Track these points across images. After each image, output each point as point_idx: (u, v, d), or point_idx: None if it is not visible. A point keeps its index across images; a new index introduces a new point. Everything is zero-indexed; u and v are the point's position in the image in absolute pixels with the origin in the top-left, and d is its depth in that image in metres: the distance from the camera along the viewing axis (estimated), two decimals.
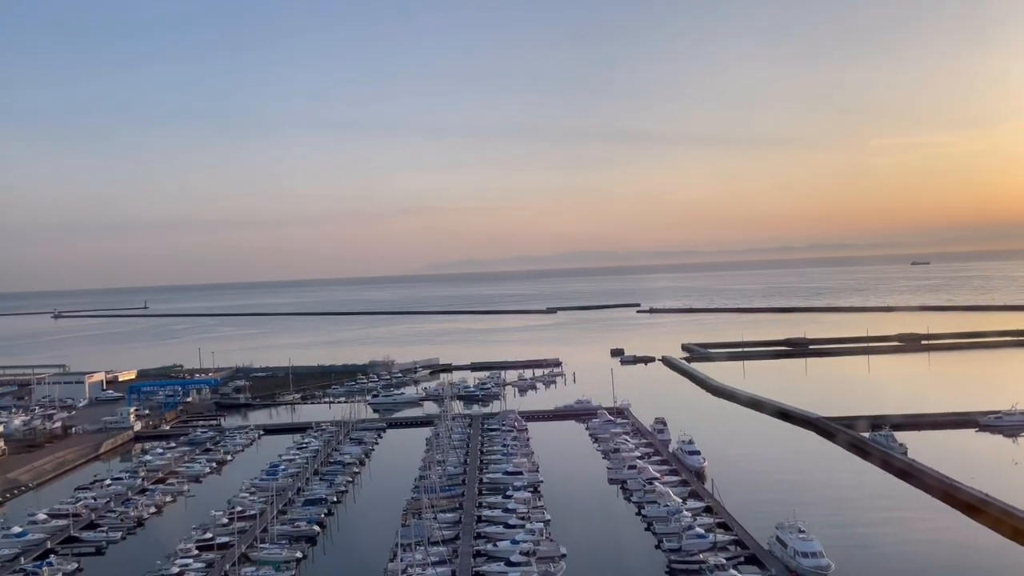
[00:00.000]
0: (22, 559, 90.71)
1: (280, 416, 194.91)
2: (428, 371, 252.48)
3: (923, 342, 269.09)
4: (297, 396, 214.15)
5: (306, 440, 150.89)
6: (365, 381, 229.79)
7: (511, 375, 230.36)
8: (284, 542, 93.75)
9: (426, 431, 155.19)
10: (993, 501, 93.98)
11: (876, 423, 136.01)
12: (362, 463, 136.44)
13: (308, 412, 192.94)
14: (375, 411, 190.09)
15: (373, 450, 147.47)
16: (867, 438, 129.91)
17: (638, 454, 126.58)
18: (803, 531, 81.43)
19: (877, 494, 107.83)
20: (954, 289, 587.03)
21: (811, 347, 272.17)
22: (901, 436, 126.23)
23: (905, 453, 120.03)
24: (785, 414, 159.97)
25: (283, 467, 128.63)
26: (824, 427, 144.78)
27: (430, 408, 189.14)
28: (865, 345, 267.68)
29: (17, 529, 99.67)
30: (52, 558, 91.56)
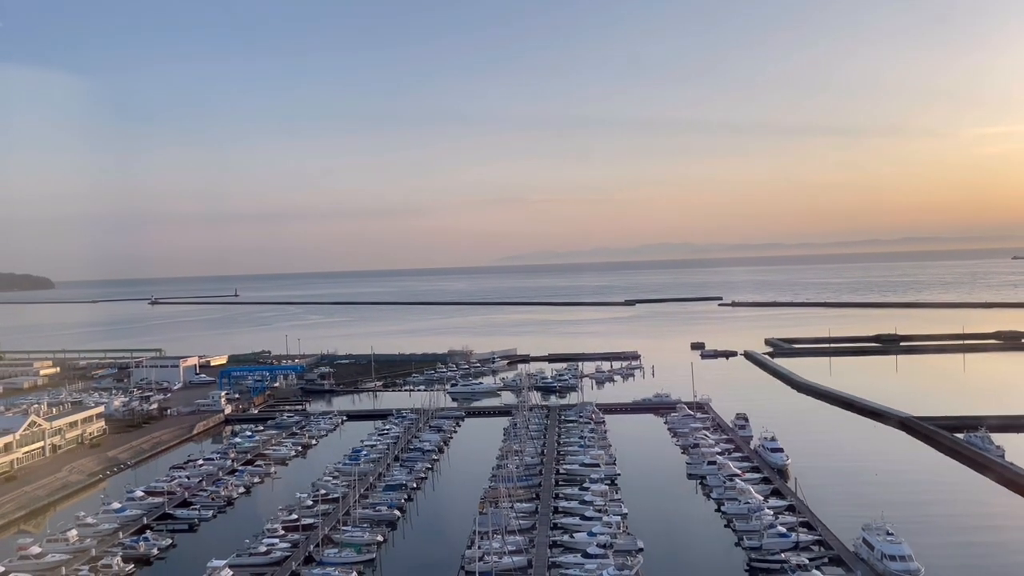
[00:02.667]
0: (120, 534, 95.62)
1: (362, 403, 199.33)
2: (506, 361, 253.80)
3: (1023, 340, 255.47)
4: (379, 383, 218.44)
5: (387, 427, 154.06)
6: (444, 370, 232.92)
7: (589, 367, 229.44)
8: (366, 525, 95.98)
9: (504, 421, 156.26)
10: None
11: (972, 424, 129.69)
12: (441, 451, 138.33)
13: (389, 399, 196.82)
14: (454, 400, 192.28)
15: (452, 438, 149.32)
16: (962, 439, 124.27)
17: (718, 450, 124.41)
18: (891, 534, 78.66)
19: (971, 499, 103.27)
20: None
21: (902, 344, 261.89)
22: (999, 438, 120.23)
23: (1003, 456, 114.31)
24: (873, 412, 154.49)
25: (365, 452, 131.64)
26: (915, 427, 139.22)
27: (508, 398, 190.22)
28: (961, 343, 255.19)
29: (116, 505, 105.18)
30: (148, 533, 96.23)
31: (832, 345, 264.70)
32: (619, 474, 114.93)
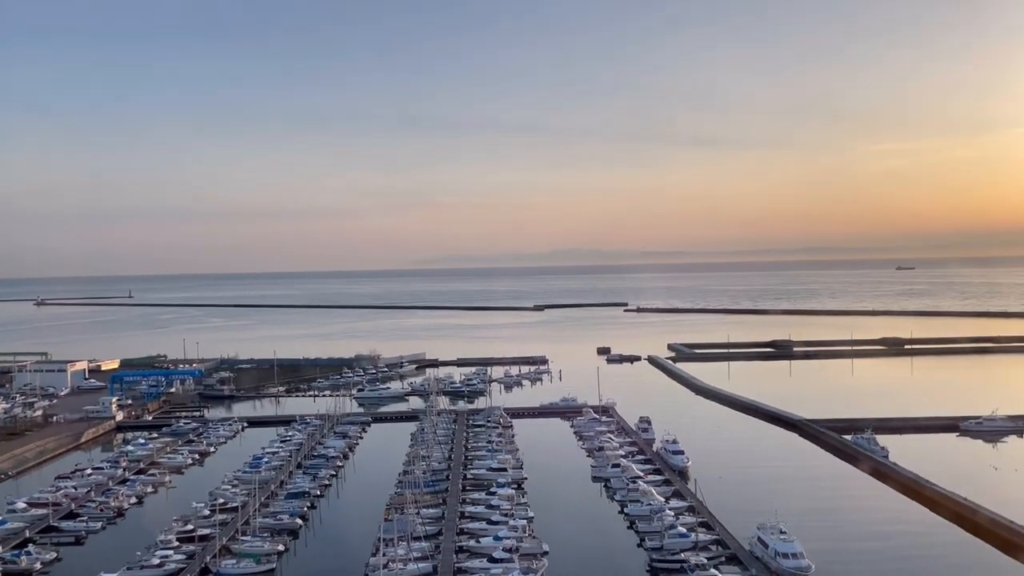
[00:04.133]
0: (0, 548, 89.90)
1: (264, 408, 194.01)
2: (414, 366, 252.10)
3: (906, 346, 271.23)
4: (282, 389, 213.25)
5: (290, 433, 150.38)
6: (351, 375, 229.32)
7: (497, 371, 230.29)
8: (266, 535, 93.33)
9: (411, 426, 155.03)
10: (971, 505, 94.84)
11: (859, 426, 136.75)
12: (346, 457, 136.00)
13: (293, 405, 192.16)
14: (360, 405, 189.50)
15: (357, 444, 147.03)
16: (849, 441, 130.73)
17: (622, 452, 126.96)
18: (784, 532, 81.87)
19: (858, 497, 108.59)
20: (937, 294, 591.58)
21: (795, 349, 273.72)
22: (883, 440, 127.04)
23: (887, 457, 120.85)
24: (768, 415, 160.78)
25: (266, 460, 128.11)
26: (807, 429, 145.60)
27: (415, 403, 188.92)
28: (849, 348, 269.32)
29: None
30: (31, 547, 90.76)
31: (731, 350, 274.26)
32: (526, 478, 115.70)
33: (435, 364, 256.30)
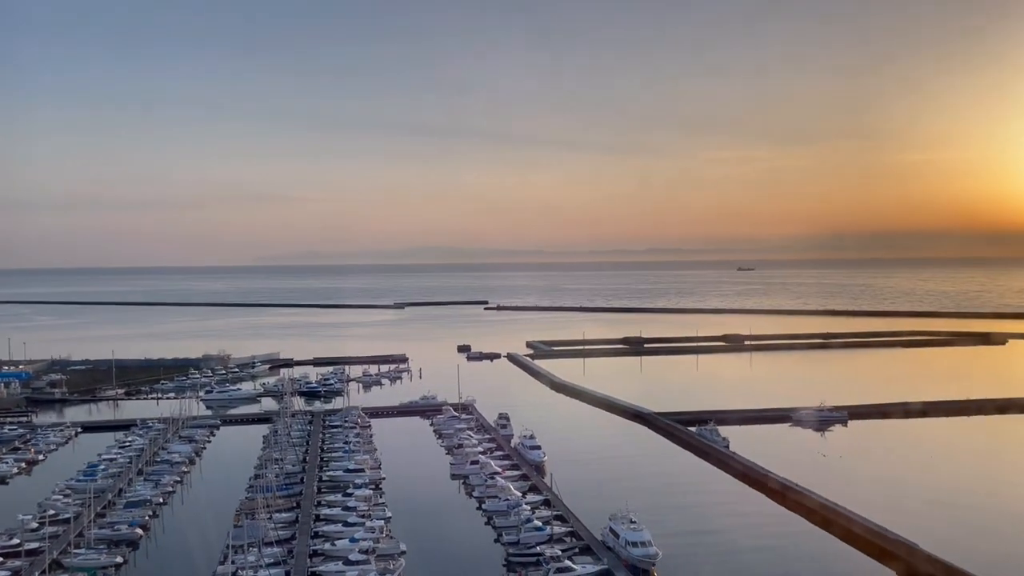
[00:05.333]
0: None
1: (101, 413, 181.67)
2: (267, 366, 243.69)
3: (746, 343, 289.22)
4: (121, 391, 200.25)
5: (130, 438, 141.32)
6: (198, 376, 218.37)
7: (355, 371, 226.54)
8: (102, 547, 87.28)
9: (263, 428, 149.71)
10: (801, 490, 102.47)
11: (703, 419, 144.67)
12: (192, 462, 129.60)
13: (133, 408, 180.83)
14: (208, 407, 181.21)
15: (205, 448, 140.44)
16: (694, 432, 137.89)
17: (481, 449, 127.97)
18: (634, 522, 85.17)
19: (702, 485, 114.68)
20: (773, 294, 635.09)
21: (646, 346, 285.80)
22: (724, 430, 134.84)
23: (727, 447, 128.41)
24: (621, 410, 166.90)
25: (103, 467, 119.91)
26: (656, 422, 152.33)
27: (268, 404, 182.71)
28: (694, 345, 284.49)
29: None
30: None
31: (586, 347, 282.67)
32: (384, 478, 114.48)
33: (289, 364, 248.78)
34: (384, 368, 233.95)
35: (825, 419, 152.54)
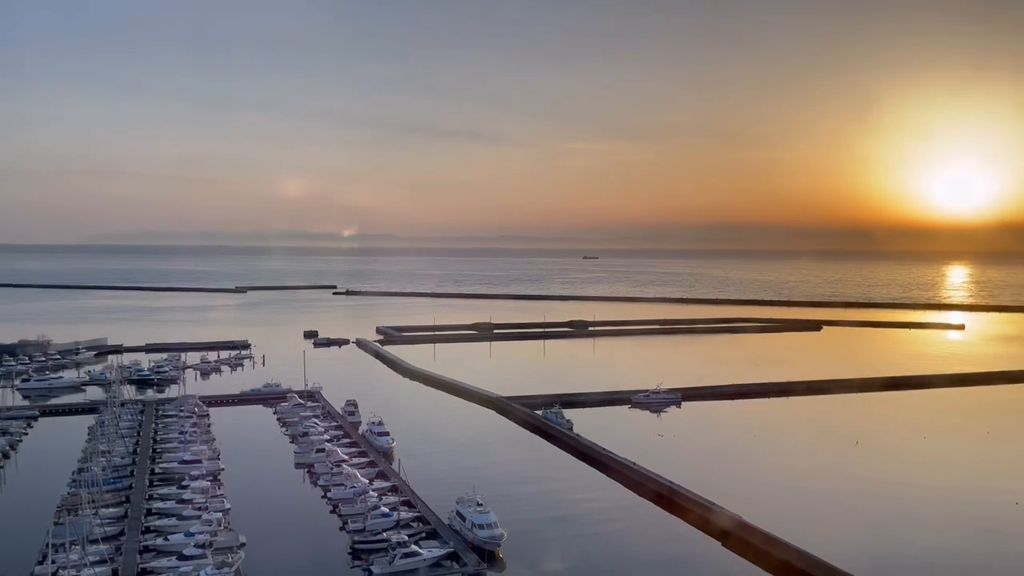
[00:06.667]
0: None
1: None
2: (93, 353, 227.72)
3: (590, 328, 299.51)
4: None
5: None
6: (13, 363, 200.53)
7: (192, 357, 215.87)
8: None
9: (89, 419, 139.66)
10: (639, 469, 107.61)
11: (549, 402, 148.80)
12: (6, 456, 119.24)
13: None
14: (25, 397, 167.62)
15: (21, 442, 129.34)
16: (540, 415, 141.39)
17: (327, 437, 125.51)
18: (481, 504, 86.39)
19: (548, 467, 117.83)
20: (616, 282, 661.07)
21: (496, 331, 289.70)
22: (569, 413, 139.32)
23: (572, 428, 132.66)
24: (471, 395, 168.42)
25: None
26: (504, 406, 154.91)
27: (95, 393, 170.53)
28: (542, 330, 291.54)
29: None
30: None
31: (437, 333, 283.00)
32: (223, 469, 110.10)
33: (119, 350, 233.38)
34: (224, 355, 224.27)
35: (661, 401, 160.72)
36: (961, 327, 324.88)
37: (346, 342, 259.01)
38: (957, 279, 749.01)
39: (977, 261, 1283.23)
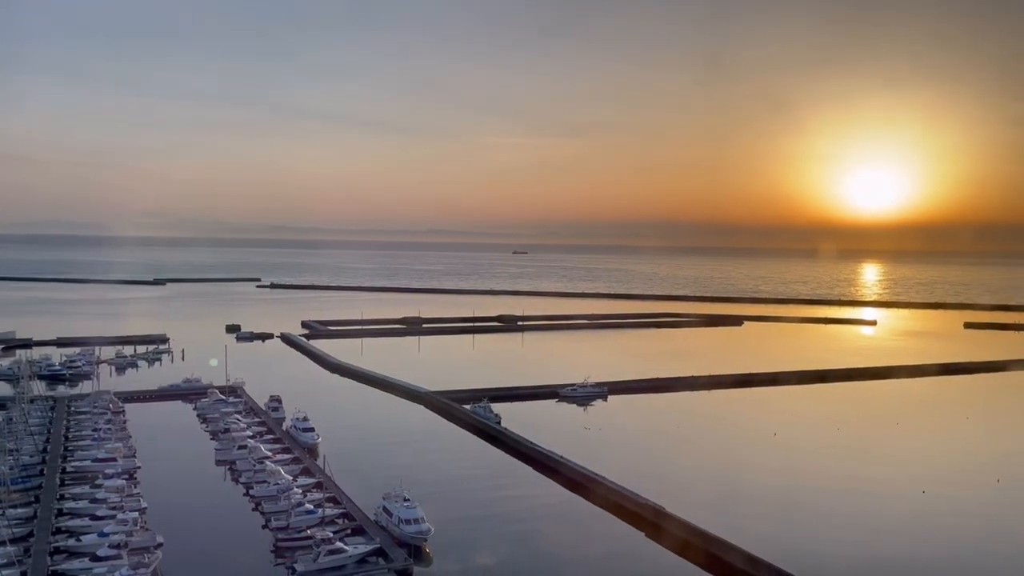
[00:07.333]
0: None
1: None
2: (0, 347, 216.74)
3: (519, 323, 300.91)
4: None
5: None
6: None
7: (107, 352, 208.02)
8: None
9: None
10: (564, 461, 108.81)
11: (477, 396, 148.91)
12: None
13: None
14: None
15: None
16: (468, 410, 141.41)
17: (250, 434, 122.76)
18: (407, 499, 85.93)
19: (476, 461, 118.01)
20: (545, 277, 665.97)
21: (424, 326, 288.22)
22: (497, 407, 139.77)
23: (500, 422, 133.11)
24: (398, 389, 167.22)
25: None
26: (432, 401, 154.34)
27: (2, 389, 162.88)
28: (471, 325, 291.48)
29: None
30: None
31: (364, 327, 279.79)
32: (139, 467, 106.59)
33: (27, 344, 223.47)
34: (141, 349, 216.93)
35: (588, 395, 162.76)
36: (873, 323, 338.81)
37: (270, 336, 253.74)
38: (871, 277, 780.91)
39: (889, 260, 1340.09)
